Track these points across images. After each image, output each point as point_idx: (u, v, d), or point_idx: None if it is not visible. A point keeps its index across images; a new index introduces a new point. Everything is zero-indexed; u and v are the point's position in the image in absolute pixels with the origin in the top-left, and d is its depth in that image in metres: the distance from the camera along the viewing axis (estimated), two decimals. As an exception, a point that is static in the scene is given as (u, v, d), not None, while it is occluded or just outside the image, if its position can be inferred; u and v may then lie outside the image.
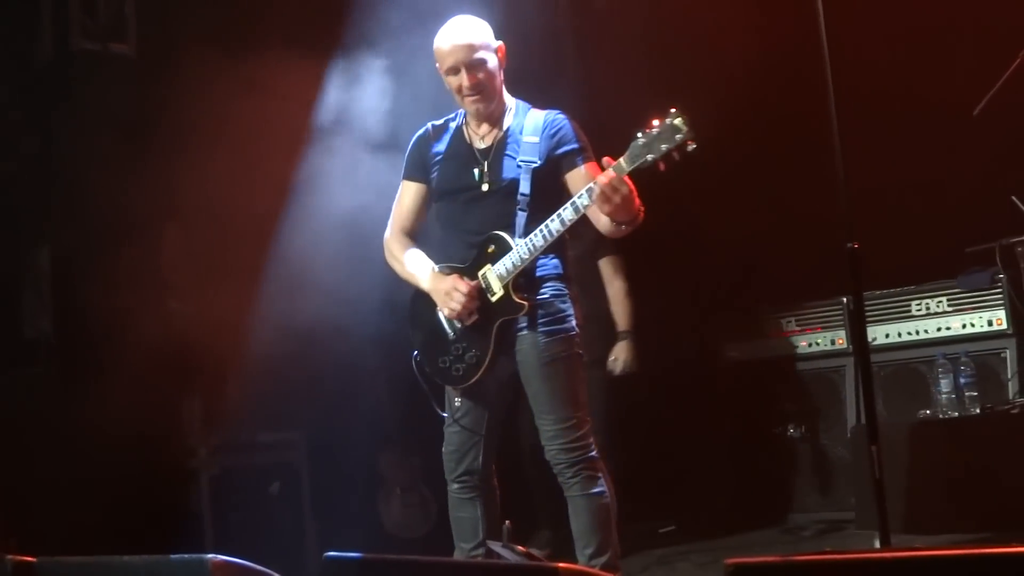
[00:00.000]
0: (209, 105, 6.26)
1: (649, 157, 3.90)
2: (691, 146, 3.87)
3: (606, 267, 6.51)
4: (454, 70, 4.34)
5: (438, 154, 4.50)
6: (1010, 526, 5.47)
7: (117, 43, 6.68)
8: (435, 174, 4.49)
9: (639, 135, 3.93)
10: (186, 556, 3.01)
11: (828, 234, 4.62)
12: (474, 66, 4.31)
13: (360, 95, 5.83)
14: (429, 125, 4.59)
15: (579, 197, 4.11)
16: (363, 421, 6.75)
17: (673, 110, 3.89)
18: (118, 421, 5.92)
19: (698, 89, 6.43)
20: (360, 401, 6.56)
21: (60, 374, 6.50)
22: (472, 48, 4.30)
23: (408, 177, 4.59)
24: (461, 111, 4.52)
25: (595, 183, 4.03)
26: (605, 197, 3.97)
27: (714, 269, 7.49)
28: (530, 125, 4.39)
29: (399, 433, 6.96)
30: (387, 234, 4.62)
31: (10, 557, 3.43)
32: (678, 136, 3.86)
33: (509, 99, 4.48)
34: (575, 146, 4.34)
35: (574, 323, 4.35)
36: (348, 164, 5.62)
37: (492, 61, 4.35)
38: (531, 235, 4.21)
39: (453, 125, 4.52)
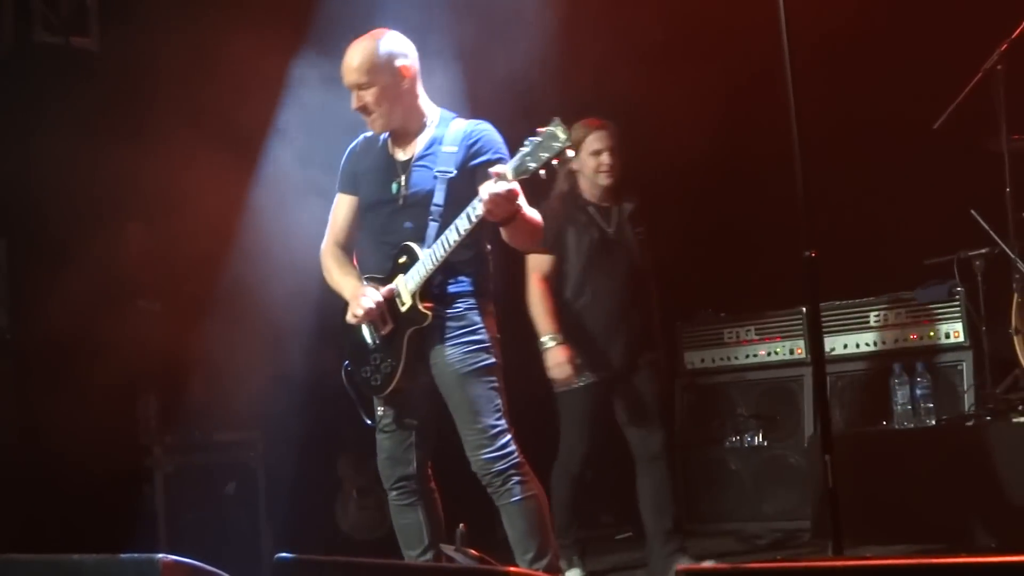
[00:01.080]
0: (172, 100, 6.23)
1: (531, 165, 3.96)
2: (570, 153, 3.98)
3: None
4: (351, 91, 4.42)
5: (366, 167, 4.56)
6: (963, 537, 5.51)
7: (79, 36, 6.65)
8: (362, 187, 4.57)
9: (524, 143, 4.00)
10: (137, 556, 2.99)
11: (789, 243, 4.63)
12: (363, 87, 4.37)
13: (326, 93, 5.80)
14: (362, 137, 4.64)
15: (471, 207, 4.15)
16: (320, 422, 6.73)
17: (555, 119, 3.94)
18: (73, 418, 5.88)
19: (658, 98, 6.47)
20: (318, 402, 6.53)
21: (15, 370, 6.44)
22: (356, 71, 4.37)
23: (341, 189, 4.65)
24: None
25: (480, 193, 4.07)
26: (490, 206, 4.02)
27: (674, 277, 7.50)
28: (451, 135, 4.43)
29: (357, 435, 6.93)
30: (323, 246, 4.67)
31: (-41, 554, 3.40)
32: (556, 144, 3.92)
33: (431, 110, 4.52)
34: (491, 156, 4.35)
35: (485, 335, 4.38)
36: (312, 161, 5.59)
37: (386, 81, 4.36)
38: (434, 246, 4.27)
39: (381, 138, 4.56)
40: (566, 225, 5.68)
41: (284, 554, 2.80)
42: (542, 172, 3.98)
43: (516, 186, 4.02)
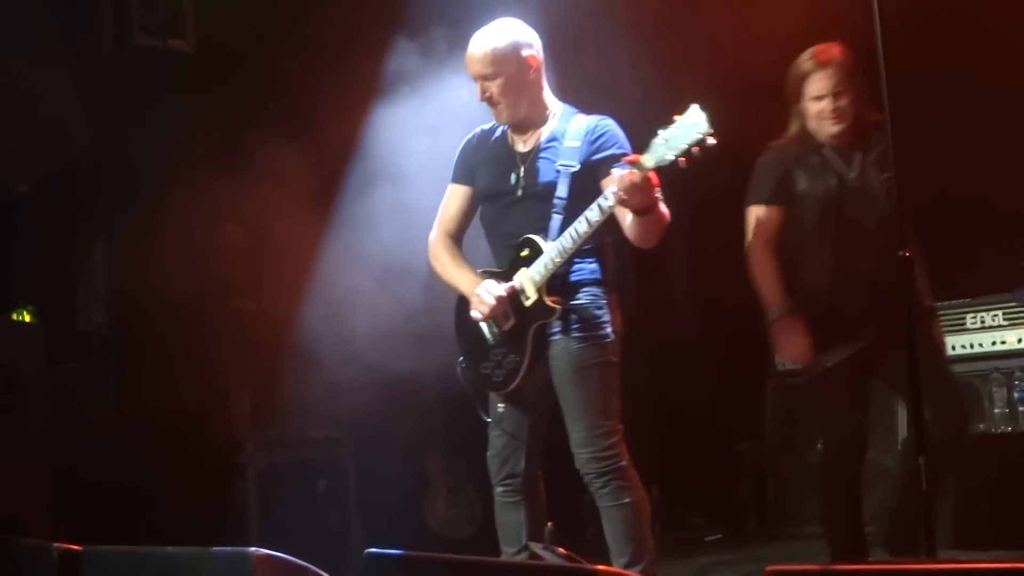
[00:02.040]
0: (267, 101, 6.30)
1: (670, 154, 3.86)
2: (711, 141, 3.82)
3: None
4: (478, 83, 4.37)
5: (483, 158, 4.51)
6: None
7: (176, 39, 6.75)
8: (479, 178, 4.51)
9: (659, 132, 3.89)
10: (229, 549, 3.03)
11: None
12: (491, 77, 4.31)
13: (420, 95, 5.83)
14: (479, 129, 4.58)
15: (603, 197, 4.09)
16: (411, 421, 6.76)
17: (694, 105, 3.84)
18: (168, 414, 5.98)
19: (731, 83, 6.39)
20: (409, 401, 6.57)
21: (112, 366, 6.56)
22: (482, 61, 4.30)
23: (455, 180, 4.59)
24: None
25: (615, 181, 3.98)
26: (627, 196, 3.93)
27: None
28: (573, 130, 4.36)
29: (447, 434, 6.97)
30: (432, 236, 4.62)
31: (57, 546, 3.47)
32: (698, 132, 3.82)
33: (554, 103, 4.46)
34: (615, 152, 4.29)
35: (609, 330, 4.31)
36: (403, 163, 5.62)
37: (512, 72, 4.31)
38: (561, 238, 4.20)
39: (499, 130, 4.51)
40: (795, 170, 4.79)
41: (374, 549, 2.82)
42: (681, 162, 3.86)
43: (653, 174, 3.92)
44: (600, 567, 2.22)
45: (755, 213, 4.84)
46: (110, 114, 6.56)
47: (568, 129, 4.37)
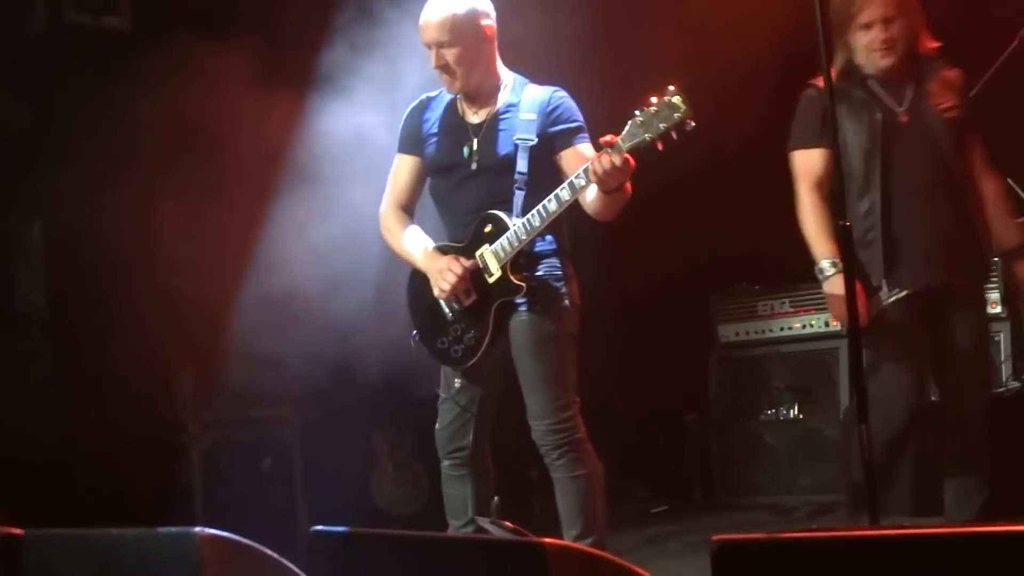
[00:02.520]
0: (204, 79, 6.23)
1: (647, 137, 3.84)
2: (689, 125, 3.82)
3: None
4: (427, 47, 4.30)
5: (431, 128, 4.44)
6: (1002, 511, 5.46)
7: (110, 16, 6.66)
8: (427, 148, 4.44)
9: (636, 113, 3.87)
10: (174, 530, 2.99)
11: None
12: (443, 45, 4.24)
13: (360, 66, 5.79)
14: (424, 96, 4.53)
15: (576, 177, 4.06)
16: (356, 398, 6.74)
17: (671, 87, 3.84)
18: (110, 395, 5.93)
19: (698, 64, 6.41)
20: (353, 378, 6.55)
21: (52, 348, 6.50)
22: (439, 28, 4.22)
23: (402, 150, 4.53)
24: None
25: (593, 163, 3.97)
26: (605, 178, 3.93)
27: (709, 249, 7.47)
28: (528, 102, 4.32)
29: (392, 411, 6.96)
30: (382, 208, 4.55)
31: (-2, 529, 3.43)
32: (676, 115, 3.81)
33: (506, 73, 4.41)
34: (571, 125, 4.28)
35: (567, 302, 4.31)
36: (345, 136, 5.59)
37: (469, 40, 4.25)
38: (528, 215, 4.16)
39: (447, 97, 4.44)
40: (839, 107, 4.34)
41: (320, 527, 2.81)
42: (659, 145, 3.85)
43: (630, 157, 3.91)
44: (548, 540, 2.22)
45: (799, 159, 4.55)
46: (44, 92, 6.47)
47: (522, 100, 4.33)
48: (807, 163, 4.50)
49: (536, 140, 4.26)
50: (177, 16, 6.64)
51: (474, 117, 4.38)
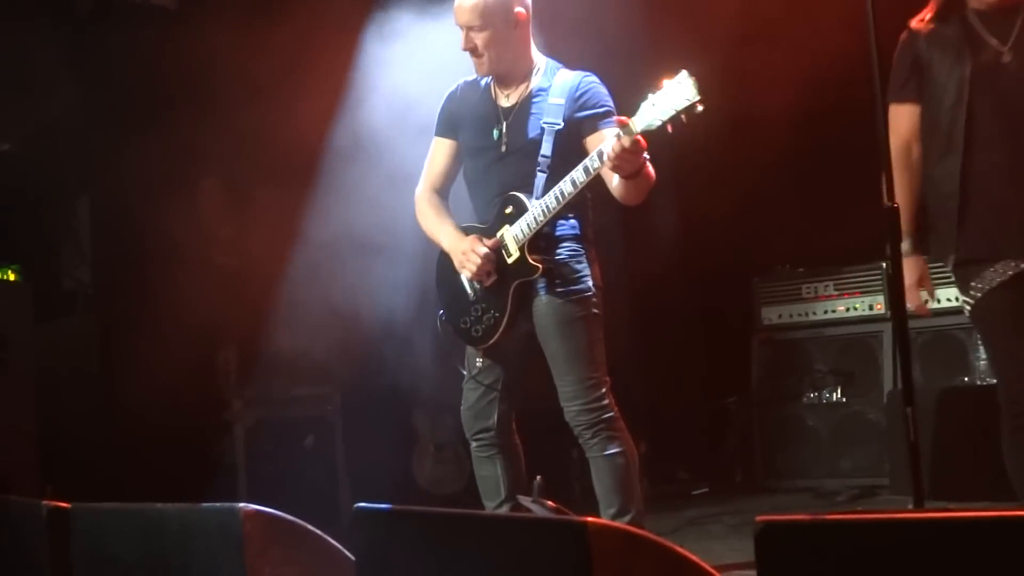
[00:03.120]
0: (248, 57, 6.26)
1: (658, 119, 3.85)
2: (699, 108, 3.81)
3: None
4: (460, 29, 4.34)
5: (466, 112, 4.49)
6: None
7: (157, -5, 6.70)
8: (462, 132, 4.50)
9: (648, 96, 3.89)
10: (218, 505, 3.02)
11: (868, 196, 4.56)
12: (476, 29, 4.29)
13: (401, 50, 5.80)
14: (462, 81, 4.57)
15: (591, 160, 4.08)
16: (399, 377, 6.77)
17: (683, 71, 3.83)
18: (155, 372, 5.97)
19: (738, 47, 6.38)
20: (396, 357, 6.58)
21: (97, 325, 6.56)
22: (470, 12, 4.27)
23: (439, 134, 4.58)
24: None
25: (605, 147, 3.99)
26: (617, 161, 3.93)
27: (752, 232, 7.45)
28: (558, 87, 4.35)
29: (434, 390, 6.97)
30: (417, 191, 4.60)
31: (45, 503, 3.47)
32: (686, 98, 3.81)
33: (538, 58, 4.44)
34: (599, 110, 4.29)
35: (590, 283, 4.33)
36: (388, 116, 5.60)
37: (499, 25, 4.29)
38: (544, 197, 4.20)
39: (483, 83, 4.49)
40: (930, 50, 3.97)
41: (363, 504, 2.82)
42: (669, 127, 3.85)
43: (641, 139, 3.91)
44: (589, 519, 2.22)
45: (891, 114, 4.06)
46: (92, 71, 6.51)
47: (553, 85, 4.36)
48: (894, 122, 4.02)
49: (563, 124, 4.29)
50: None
51: (505, 101, 4.42)
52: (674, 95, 3.83)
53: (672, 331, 7.72)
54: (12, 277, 6.37)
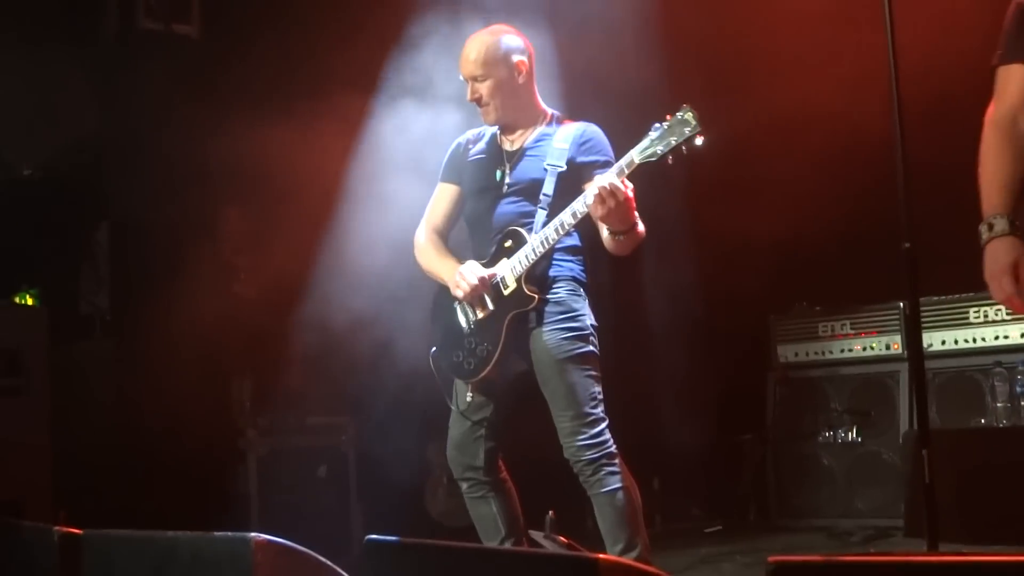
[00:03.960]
0: (270, 87, 6.29)
1: (658, 150, 3.97)
2: (699, 140, 3.94)
3: None
4: (466, 81, 4.50)
5: (471, 157, 4.61)
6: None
7: (180, 24, 6.73)
8: (466, 175, 4.61)
9: (652, 129, 4.01)
10: (229, 534, 3.02)
11: (886, 235, 4.56)
12: (481, 80, 4.45)
13: (424, 81, 5.84)
14: (471, 132, 4.72)
15: (585, 196, 4.15)
16: (413, 408, 6.76)
17: (684, 105, 3.96)
18: (170, 399, 5.98)
19: (754, 84, 6.39)
20: (410, 388, 6.57)
21: (114, 350, 6.56)
22: (474, 64, 4.45)
23: (444, 179, 4.70)
24: None
25: (593, 184, 4.09)
26: (601, 199, 4.03)
27: (770, 270, 7.43)
28: (562, 134, 4.48)
29: (448, 422, 6.96)
30: (418, 232, 4.70)
31: (57, 529, 3.47)
32: (687, 130, 3.94)
33: (543, 109, 4.59)
34: (599, 158, 4.41)
35: (588, 321, 4.38)
36: (407, 150, 5.63)
37: (502, 75, 4.45)
38: (544, 229, 4.27)
39: (489, 132, 4.63)
40: None
41: (375, 536, 2.82)
42: (669, 159, 3.97)
43: (628, 187, 4.04)
44: (600, 555, 2.22)
45: (1000, 78, 3.56)
46: (114, 98, 6.55)
47: (557, 132, 4.49)
48: (1001, 85, 3.50)
49: (565, 167, 4.40)
50: (247, 25, 6.71)
51: (509, 145, 4.56)
52: (675, 127, 3.96)
53: (687, 367, 7.70)
54: (30, 301, 6.40)
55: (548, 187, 4.36)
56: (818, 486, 7.09)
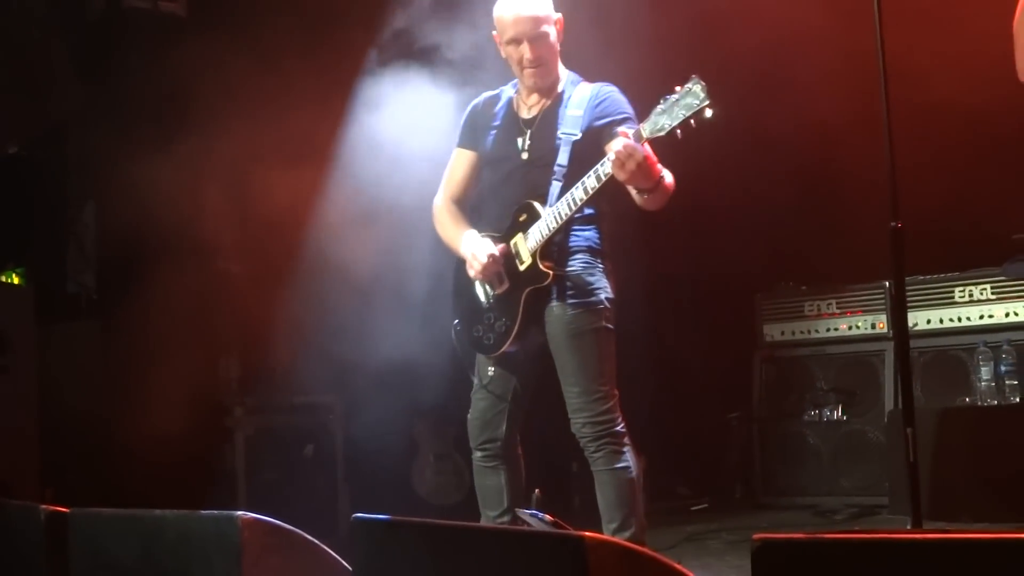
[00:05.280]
0: (258, 64, 6.27)
1: (667, 123, 3.89)
2: (708, 112, 3.84)
3: None
4: (515, 41, 4.31)
5: (490, 124, 4.50)
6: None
7: (167, 2, 6.71)
8: (485, 143, 4.50)
9: (659, 101, 3.93)
10: (216, 512, 3.02)
11: (872, 215, 4.57)
12: (537, 39, 4.29)
13: (409, 61, 5.82)
14: (484, 95, 4.60)
15: (601, 165, 4.08)
16: (399, 387, 6.77)
17: (693, 77, 3.87)
18: (156, 377, 5.97)
19: (743, 62, 6.38)
20: (397, 367, 6.58)
21: (101, 329, 6.56)
22: (537, 21, 4.28)
23: (461, 144, 4.58)
24: (514, 81, 4.52)
25: (610, 150, 4.02)
26: (620, 163, 3.95)
27: (755, 249, 7.45)
28: (576, 98, 4.37)
29: (435, 400, 6.98)
30: (436, 200, 4.61)
31: (44, 508, 3.47)
32: (695, 102, 3.84)
33: (562, 71, 4.47)
34: (617, 116, 4.30)
35: (603, 296, 4.32)
36: (391, 129, 5.61)
37: (553, 34, 4.34)
38: (557, 203, 4.21)
39: (505, 96, 4.52)
40: None
41: (361, 514, 2.82)
42: (678, 132, 3.88)
43: (646, 149, 3.95)
44: (587, 533, 2.22)
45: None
46: (101, 76, 6.53)
47: (572, 97, 4.38)
48: None
49: (580, 135, 4.30)
50: (233, 2, 6.68)
51: (527, 112, 4.44)
52: (684, 99, 3.87)
53: (674, 346, 7.72)
54: (16, 280, 6.39)
55: (562, 157, 4.27)
56: (803, 465, 7.11)
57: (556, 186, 4.25)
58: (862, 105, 4.70)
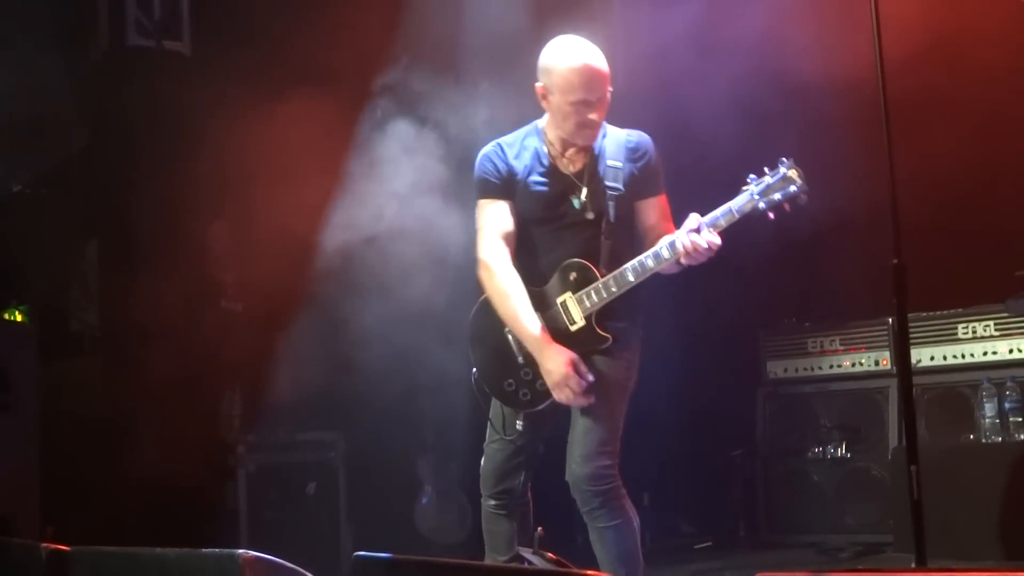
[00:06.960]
0: (259, 104, 6.30)
1: (760, 207, 3.91)
2: (804, 199, 3.89)
3: None
4: (585, 104, 4.12)
5: (522, 175, 4.27)
6: None
7: (171, 40, 6.75)
8: (525, 196, 4.27)
9: (750, 182, 3.94)
10: (218, 551, 3.02)
11: (875, 252, 4.57)
12: (604, 100, 4.16)
13: (411, 99, 5.84)
14: (500, 143, 4.35)
15: (676, 240, 4.04)
16: (402, 425, 6.76)
17: (786, 160, 3.90)
18: (158, 415, 5.97)
19: (746, 98, 6.40)
20: (400, 405, 6.58)
21: (103, 367, 6.56)
22: (606, 80, 4.13)
23: (499, 196, 4.27)
24: (532, 128, 4.35)
25: (681, 239, 4.00)
26: (698, 255, 3.98)
27: (759, 285, 7.44)
28: (612, 147, 4.25)
29: (438, 439, 6.96)
30: (490, 257, 4.25)
31: (45, 546, 3.46)
32: (792, 188, 3.89)
33: None
34: (654, 175, 4.27)
35: (636, 355, 4.30)
36: (398, 165, 5.63)
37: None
38: (623, 269, 4.12)
39: (530, 144, 4.31)
40: None
41: (363, 552, 2.81)
42: (771, 215, 3.90)
43: (718, 240, 3.97)
44: (589, 572, 2.21)
45: None
46: (105, 115, 6.56)
47: (607, 147, 4.26)
48: None
49: (623, 190, 4.21)
50: (237, 41, 6.71)
51: (569, 166, 4.27)
52: (779, 184, 3.91)
53: (677, 383, 7.70)
54: (19, 318, 6.40)
55: (611, 214, 4.16)
56: (807, 502, 7.08)
57: (607, 244, 4.16)
58: (864, 138, 4.71)
